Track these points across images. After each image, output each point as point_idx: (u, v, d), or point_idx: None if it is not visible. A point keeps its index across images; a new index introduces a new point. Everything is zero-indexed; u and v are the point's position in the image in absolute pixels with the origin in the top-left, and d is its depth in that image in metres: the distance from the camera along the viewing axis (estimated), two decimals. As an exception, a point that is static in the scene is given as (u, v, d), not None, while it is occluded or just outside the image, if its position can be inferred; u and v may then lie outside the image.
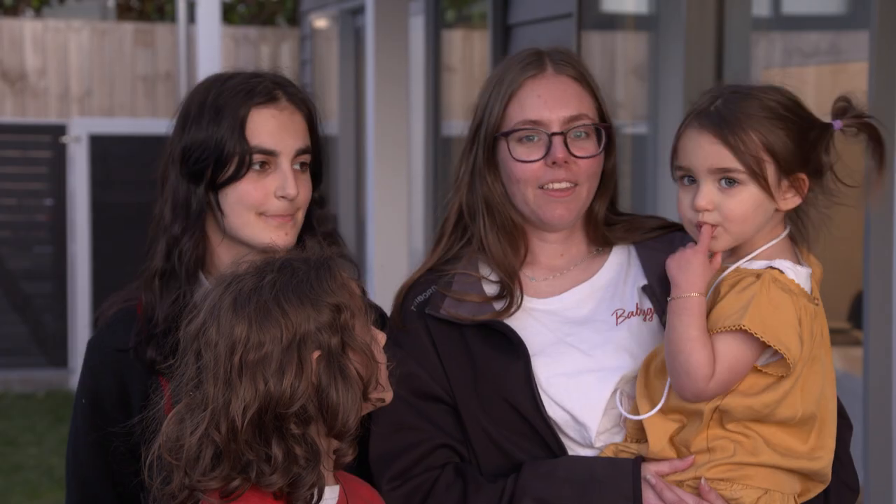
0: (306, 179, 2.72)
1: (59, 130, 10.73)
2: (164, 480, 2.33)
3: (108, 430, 2.63)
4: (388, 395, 2.44)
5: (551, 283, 2.68)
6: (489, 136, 2.64)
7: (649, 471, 2.44)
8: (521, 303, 2.62)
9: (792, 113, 2.41)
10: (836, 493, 2.57)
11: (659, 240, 2.69)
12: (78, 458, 2.75)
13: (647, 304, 2.60)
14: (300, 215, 2.71)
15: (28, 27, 12.73)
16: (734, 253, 2.46)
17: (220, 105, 2.66)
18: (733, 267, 2.44)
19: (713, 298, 2.43)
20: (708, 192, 2.40)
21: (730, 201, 2.40)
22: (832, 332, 2.53)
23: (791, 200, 2.43)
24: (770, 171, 2.39)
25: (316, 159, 2.77)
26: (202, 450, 2.28)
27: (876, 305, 3.92)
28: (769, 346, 2.35)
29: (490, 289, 2.65)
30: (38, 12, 15.90)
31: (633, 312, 2.60)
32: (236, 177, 2.65)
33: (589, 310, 2.64)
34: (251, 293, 2.31)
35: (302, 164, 2.71)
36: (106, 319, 2.77)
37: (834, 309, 2.58)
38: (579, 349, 2.59)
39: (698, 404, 2.40)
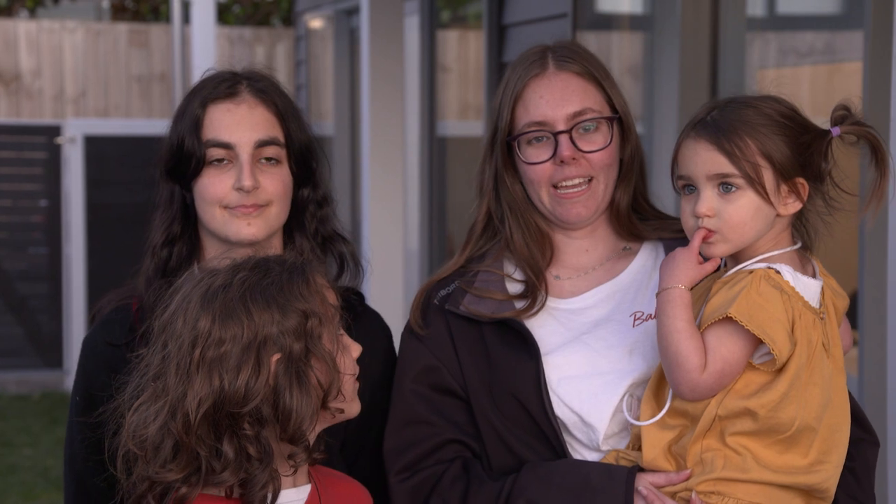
0: (276, 173, 2.73)
1: (54, 131, 10.72)
2: (128, 471, 2.34)
3: (102, 426, 2.64)
4: (354, 408, 2.42)
5: (575, 283, 2.68)
6: (503, 141, 2.66)
7: (643, 481, 2.43)
8: (543, 303, 2.63)
9: (788, 119, 2.42)
10: None
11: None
12: (73, 454, 2.78)
13: None
14: (272, 210, 2.72)
15: (22, 28, 12.72)
16: (737, 259, 2.46)
17: (184, 104, 2.75)
18: (733, 270, 2.44)
19: (706, 298, 2.43)
20: (708, 199, 2.41)
21: (729, 207, 2.40)
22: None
23: (792, 206, 2.43)
24: (767, 176, 2.39)
25: (302, 156, 2.77)
26: (163, 440, 2.29)
27: (871, 305, 3.93)
28: (762, 342, 2.35)
29: (513, 287, 2.66)
30: (32, 13, 15.89)
31: (651, 315, 2.58)
32: (196, 173, 2.70)
33: (608, 310, 2.64)
34: (220, 289, 2.32)
35: (270, 158, 2.72)
36: (101, 317, 2.80)
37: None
38: (594, 350, 2.59)
39: (700, 406, 2.40)
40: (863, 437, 2.60)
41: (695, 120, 2.46)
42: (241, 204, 2.68)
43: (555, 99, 2.61)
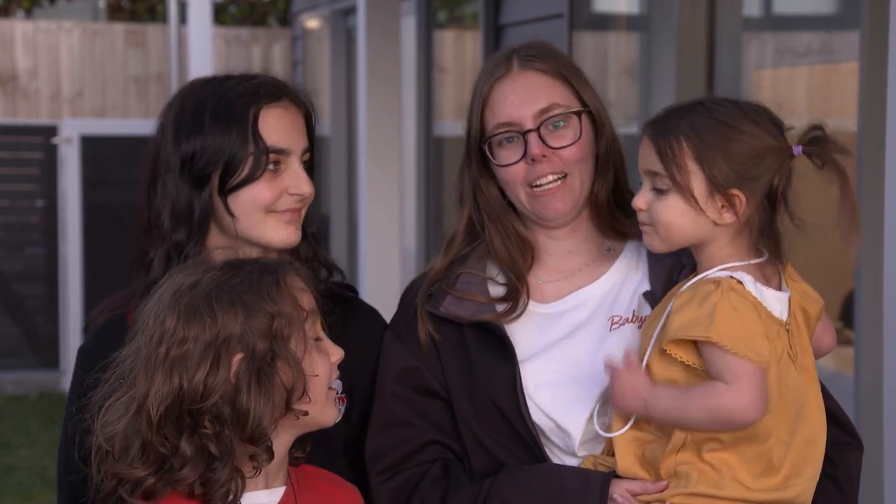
0: (308, 178, 2.73)
1: (51, 131, 10.71)
2: (98, 469, 2.34)
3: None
4: (327, 414, 2.39)
5: (556, 286, 2.66)
6: (476, 146, 2.65)
7: (619, 489, 2.42)
8: (525, 307, 2.61)
9: (743, 130, 2.36)
10: None
11: None
12: (68, 464, 2.75)
13: (647, 311, 2.55)
14: (303, 213, 2.71)
15: (19, 28, 12.72)
16: (698, 268, 2.44)
17: (224, 108, 2.64)
18: (692, 281, 2.41)
19: (665, 306, 2.41)
20: (644, 193, 2.42)
21: (658, 204, 2.40)
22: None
23: (727, 217, 2.38)
24: (697, 182, 2.36)
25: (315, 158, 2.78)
26: (131, 438, 2.29)
27: (867, 305, 3.93)
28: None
29: (495, 290, 2.65)
30: (28, 13, 15.89)
31: (628, 319, 2.57)
32: (251, 178, 2.62)
33: (587, 315, 2.61)
34: (188, 288, 2.32)
35: (305, 163, 2.71)
36: (95, 327, 2.76)
37: (825, 308, 2.57)
38: (571, 355, 2.57)
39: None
40: (846, 441, 2.58)
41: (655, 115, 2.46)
42: (290, 208, 2.66)
43: (520, 98, 2.60)
